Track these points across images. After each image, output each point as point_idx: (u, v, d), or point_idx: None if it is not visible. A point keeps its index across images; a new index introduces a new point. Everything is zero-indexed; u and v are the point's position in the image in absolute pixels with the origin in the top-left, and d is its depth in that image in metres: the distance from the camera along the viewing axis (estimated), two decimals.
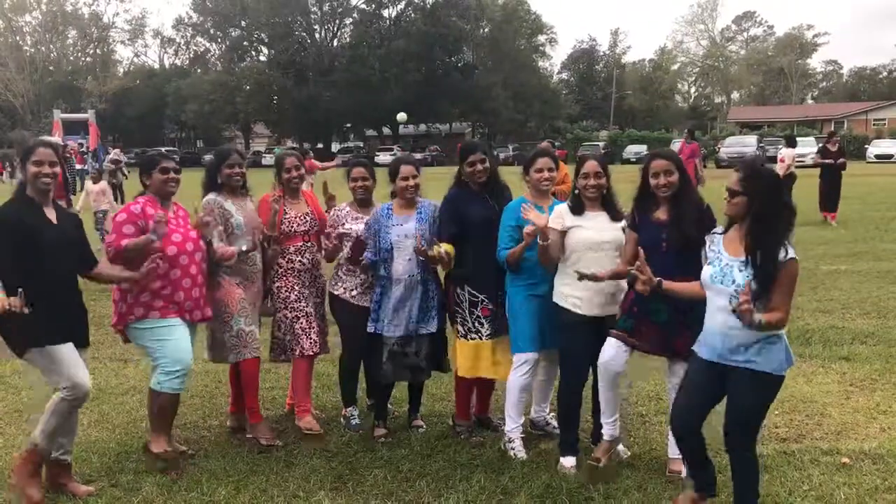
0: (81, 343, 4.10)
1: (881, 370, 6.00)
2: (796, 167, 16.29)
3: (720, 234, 3.60)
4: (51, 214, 3.97)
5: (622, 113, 75.26)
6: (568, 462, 4.39)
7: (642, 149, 49.87)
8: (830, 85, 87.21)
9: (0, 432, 5.07)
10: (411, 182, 4.77)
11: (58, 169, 3.94)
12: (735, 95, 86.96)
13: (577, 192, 4.42)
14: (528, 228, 4.31)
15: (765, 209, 3.34)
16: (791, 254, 3.31)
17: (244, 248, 4.68)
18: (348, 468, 4.40)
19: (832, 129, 30.71)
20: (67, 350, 3.91)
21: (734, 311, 3.29)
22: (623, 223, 4.30)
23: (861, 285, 9.21)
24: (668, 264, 3.92)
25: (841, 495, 3.96)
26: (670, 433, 4.15)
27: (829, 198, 15.69)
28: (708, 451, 3.75)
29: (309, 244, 5.02)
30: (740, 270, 3.37)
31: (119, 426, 5.15)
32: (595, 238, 4.29)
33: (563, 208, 4.44)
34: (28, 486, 3.90)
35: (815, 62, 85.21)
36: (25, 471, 3.92)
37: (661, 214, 4.11)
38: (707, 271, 3.55)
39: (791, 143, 17.18)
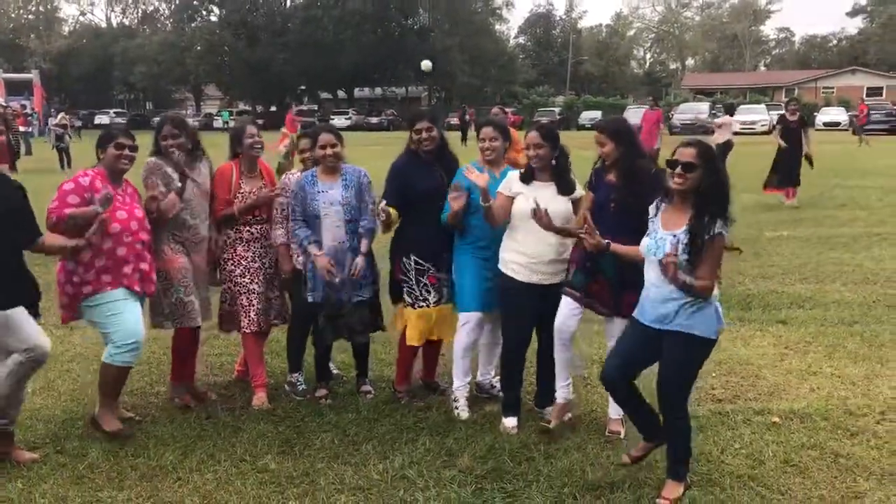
0: (32, 314, 4.08)
1: (815, 333, 6.23)
2: (746, 133, 16.60)
3: (665, 203, 3.69)
4: None
5: (578, 79, 75.45)
6: (510, 422, 4.51)
7: (597, 115, 50.08)
8: (783, 52, 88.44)
9: None
10: (329, 151, 4.74)
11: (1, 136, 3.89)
12: (690, 62, 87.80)
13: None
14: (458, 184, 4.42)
15: (714, 183, 3.46)
16: (719, 228, 3.42)
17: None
18: (295, 432, 4.46)
19: (789, 96, 31.10)
20: (20, 312, 3.91)
21: (661, 266, 3.42)
22: (575, 194, 4.40)
23: (802, 251, 9.48)
24: (615, 224, 4.06)
25: (769, 452, 4.14)
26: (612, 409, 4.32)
27: (789, 173, 13.61)
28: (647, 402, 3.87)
29: (260, 217, 4.97)
30: (671, 244, 3.47)
31: (64, 393, 5.13)
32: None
33: (514, 175, 4.50)
34: None
35: (769, 29, 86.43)
36: None
37: (613, 177, 4.23)
38: (644, 242, 3.67)
39: (730, 110, 17.62)
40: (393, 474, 3.95)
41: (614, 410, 4.40)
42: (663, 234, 3.55)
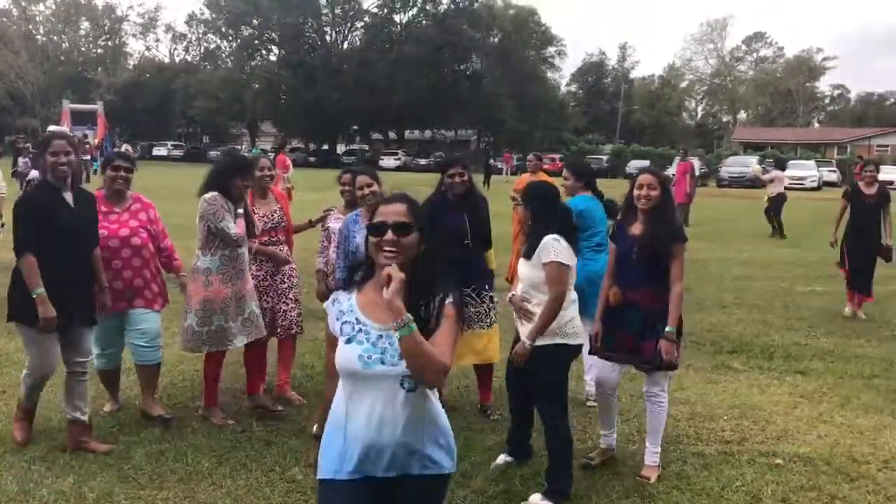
0: (84, 323, 4.57)
1: (832, 384, 6.37)
2: (795, 189, 16.75)
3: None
4: (69, 198, 4.45)
5: (629, 127, 75.68)
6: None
7: (645, 164, 50.17)
8: (837, 109, 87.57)
9: (6, 404, 5.45)
10: (366, 191, 5.14)
11: (72, 157, 4.43)
12: (742, 115, 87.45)
13: None
14: None
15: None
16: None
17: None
18: None
19: (842, 153, 30.66)
20: (48, 338, 4.42)
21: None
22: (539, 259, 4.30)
23: (832, 306, 9.56)
24: (638, 274, 4.39)
25: (768, 491, 4.34)
26: (649, 442, 4.55)
27: (862, 274, 9.04)
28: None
29: (275, 238, 5.59)
30: None
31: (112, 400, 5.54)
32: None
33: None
34: (15, 429, 4.76)
35: (824, 86, 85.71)
36: (17, 416, 4.80)
37: (636, 229, 4.49)
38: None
39: (781, 165, 17.82)
40: None
41: (651, 458, 4.55)
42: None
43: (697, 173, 21.39)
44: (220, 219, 4.92)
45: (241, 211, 5.16)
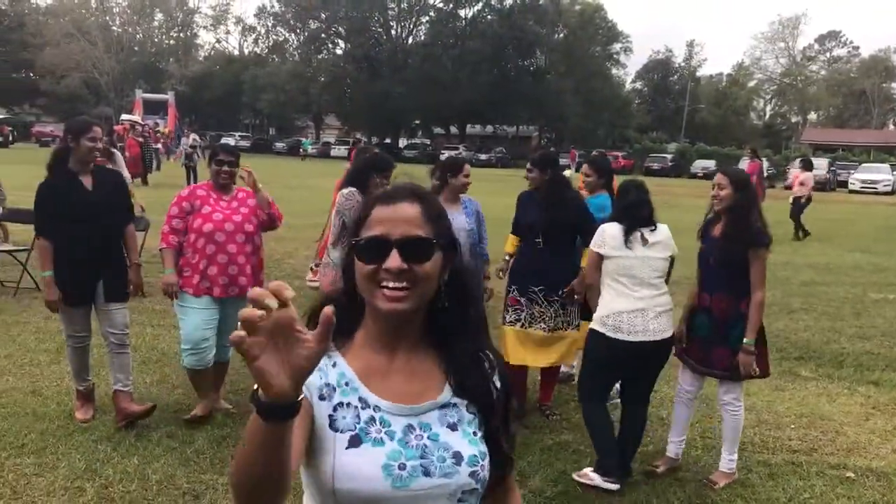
0: (114, 298, 4.80)
1: None
2: (867, 193, 16.20)
3: None
4: (87, 182, 4.66)
5: (694, 126, 74.21)
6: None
7: (710, 164, 49.32)
8: None
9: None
10: (469, 180, 5.43)
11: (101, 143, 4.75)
12: (812, 116, 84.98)
13: None
14: None
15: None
16: None
17: None
18: None
19: None
20: (77, 310, 4.74)
21: None
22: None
23: None
24: (714, 277, 4.28)
25: None
26: (725, 449, 4.43)
27: None
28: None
29: None
30: None
31: (178, 386, 5.64)
32: None
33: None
34: (78, 410, 4.95)
35: None
36: (78, 399, 5.01)
37: (717, 230, 4.36)
38: None
39: (808, 166, 17.37)
40: None
41: (726, 465, 4.44)
42: None
43: (765, 175, 20.90)
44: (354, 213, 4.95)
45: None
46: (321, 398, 1.39)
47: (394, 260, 1.36)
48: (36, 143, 49.34)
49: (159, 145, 31.36)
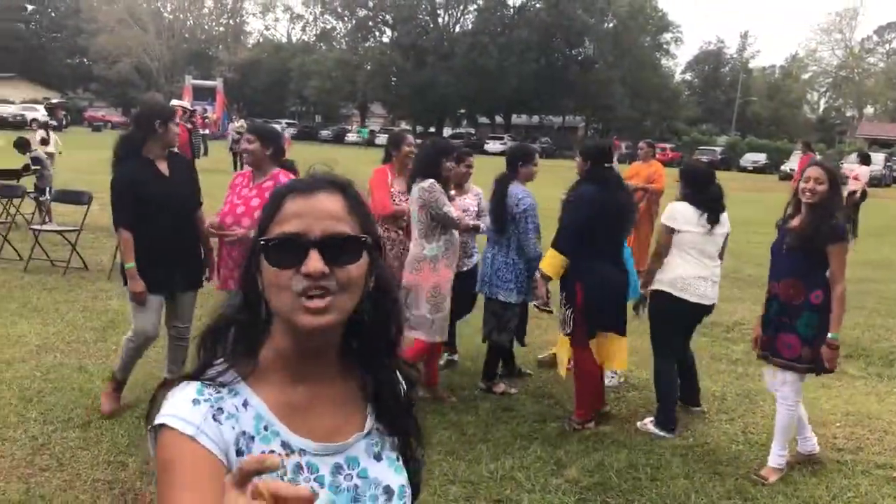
0: (186, 287, 4.74)
1: None
2: None
3: None
4: (163, 168, 4.56)
5: (745, 119, 72.83)
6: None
7: (761, 158, 48.37)
8: None
9: None
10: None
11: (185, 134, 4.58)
12: (869, 110, 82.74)
13: None
14: None
15: None
16: None
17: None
18: None
19: None
20: (150, 303, 4.53)
21: None
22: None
23: None
24: (784, 264, 4.28)
25: None
26: (775, 443, 4.35)
27: None
28: None
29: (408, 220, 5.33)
30: None
31: None
32: None
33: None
34: (104, 402, 4.75)
35: None
36: (107, 391, 4.80)
37: (796, 222, 4.28)
38: None
39: (866, 160, 16.72)
40: (503, 474, 4.21)
41: (775, 460, 4.36)
42: None
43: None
44: (441, 204, 4.86)
45: (452, 193, 5.24)
46: (239, 453, 1.13)
47: (313, 262, 1.12)
48: (88, 126, 50.46)
49: (207, 130, 31.79)
